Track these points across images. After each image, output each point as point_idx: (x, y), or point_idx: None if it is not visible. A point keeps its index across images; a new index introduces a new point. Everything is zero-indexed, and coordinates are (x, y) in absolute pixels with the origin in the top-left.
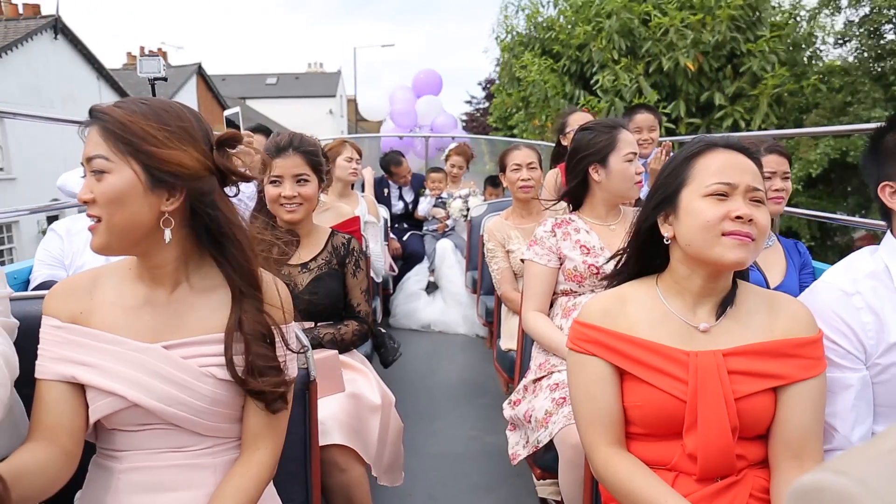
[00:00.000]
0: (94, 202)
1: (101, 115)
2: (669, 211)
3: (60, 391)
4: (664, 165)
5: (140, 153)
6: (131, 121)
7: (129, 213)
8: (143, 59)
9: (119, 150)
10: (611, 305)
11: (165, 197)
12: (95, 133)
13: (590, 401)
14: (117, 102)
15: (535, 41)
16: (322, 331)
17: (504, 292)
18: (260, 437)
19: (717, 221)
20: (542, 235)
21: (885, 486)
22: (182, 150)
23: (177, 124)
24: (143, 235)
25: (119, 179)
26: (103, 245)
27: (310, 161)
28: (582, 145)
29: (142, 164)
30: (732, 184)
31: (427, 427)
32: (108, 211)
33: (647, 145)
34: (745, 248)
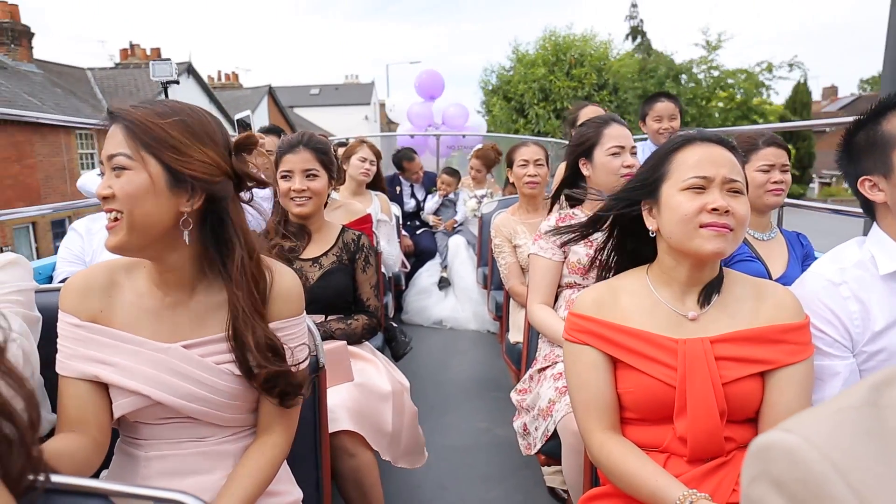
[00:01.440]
0: (114, 197)
1: (123, 114)
2: (652, 204)
3: (85, 389)
4: (646, 161)
5: (162, 153)
6: (154, 122)
7: (148, 209)
8: (156, 62)
9: (141, 149)
10: (603, 296)
11: (185, 198)
12: (118, 132)
13: (585, 388)
14: (139, 104)
15: (499, 90)
16: (332, 324)
17: (512, 286)
18: (275, 422)
19: (695, 214)
20: (546, 230)
21: (826, 441)
22: (202, 153)
23: (198, 128)
24: (161, 235)
25: (139, 176)
26: (121, 243)
27: (319, 157)
28: (574, 139)
29: (163, 164)
30: (708, 177)
31: (438, 420)
32: (128, 206)
33: (666, 134)
34: (722, 238)
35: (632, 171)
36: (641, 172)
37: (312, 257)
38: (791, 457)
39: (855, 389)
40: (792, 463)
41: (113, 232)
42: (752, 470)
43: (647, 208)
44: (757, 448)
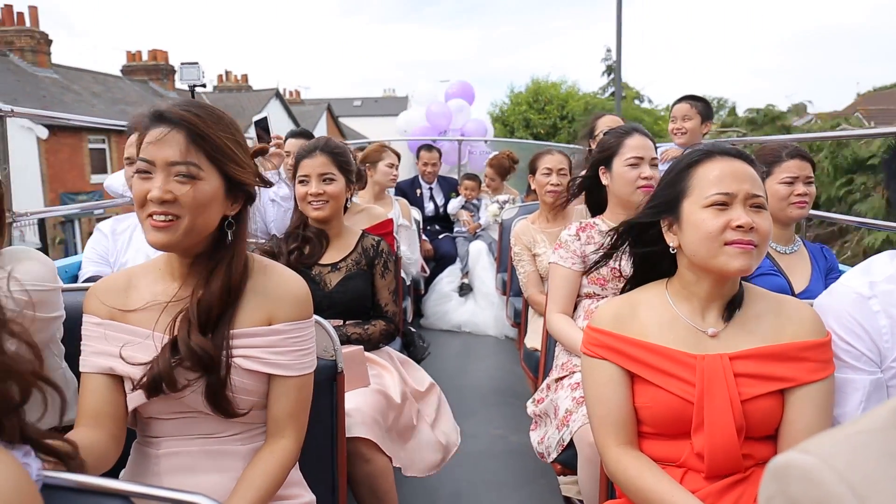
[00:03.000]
0: (175, 203)
1: (187, 123)
2: (672, 221)
3: (101, 382)
4: (665, 174)
5: (225, 165)
6: (213, 132)
7: (208, 217)
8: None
9: (206, 159)
10: (622, 311)
11: (231, 202)
12: (180, 139)
13: (602, 403)
14: (186, 107)
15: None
16: (350, 329)
17: (530, 295)
18: (284, 425)
19: (719, 232)
20: (566, 239)
21: (845, 463)
22: (248, 162)
23: (240, 137)
24: (206, 237)
25: (209, 187)
26: (174, 243)
27: (336, 161)
28: (596, 147)
29: (223, 174)
30: (731, 193)
31: None
32: (193, 214)
33: (680, 134)
34: (747, 255)
35: (650, 182)
36: (660, 189)
37: (331, 262)
38: (809, 478)
39: (877, 412)
40: (809, 484)
41: (165, 231)
42: (770, 490)
43: (667, 224)
44: (774, 468)
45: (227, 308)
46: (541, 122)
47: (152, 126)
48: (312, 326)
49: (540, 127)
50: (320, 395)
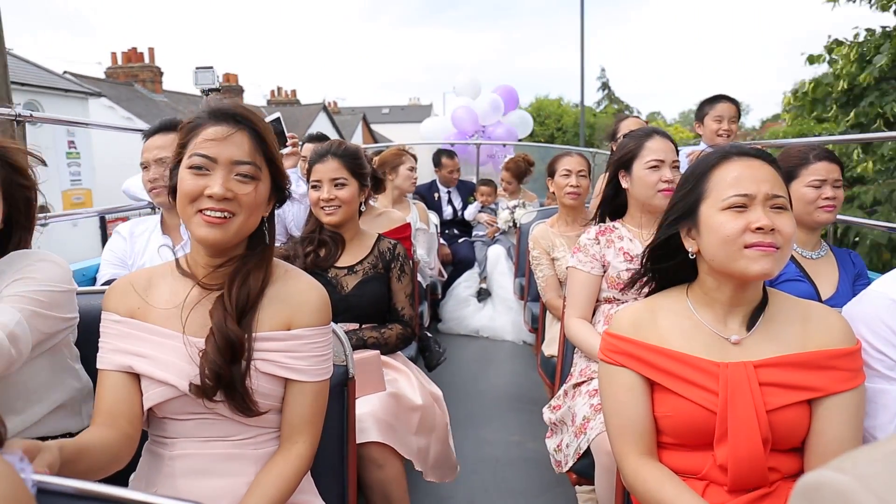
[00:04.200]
0: (234, 201)
1: (251, 123)
2: (691, 225)
3: (119, 380)
4: (682, 177)
5: (274, 167)
6: (269, 134)
7: (257, 216)
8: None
9: (264, 160)
10: (641, 317)
11: (269, 204)
12: (245, 140)
13: (620, 411)
14: (245, 108)
15: None
16: (366, 333)
17: (549, 300)
18: (298, 430)
19: (738, 234)
20: (585, 243)
21: (884, 485)
22: (282, 164)
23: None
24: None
25: (265, 188)
26: (227, 240)
27: (348, 165)
28: (616, 151)
29: (272, 175)
30: (750, 194)
31: (471, 432)
32: (247, 212)
33: (725, 137)
34: (769, 258)
35: (670, 185)
36: (678, 194)
37: (348, 265)
38: (843, 499)
39: None
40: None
41: (219, 228)
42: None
43: (685, 229)
44: (805, 486)
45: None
46: (541, 133)
47: (212, 124)
48: (330, 333)
49: (540, 136)
50: (331, 400)
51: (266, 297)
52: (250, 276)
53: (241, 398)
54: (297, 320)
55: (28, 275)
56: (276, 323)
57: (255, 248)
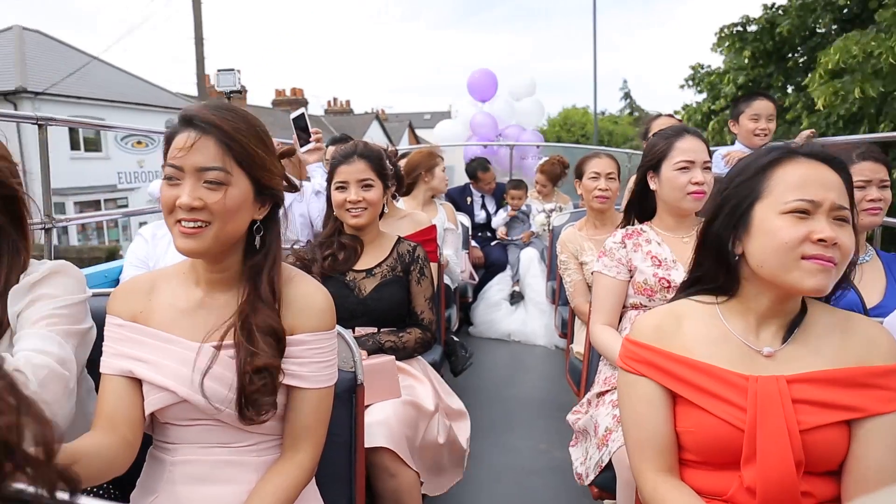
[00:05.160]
0: (205, 209)
1: (216, 128)
2: (739, 226)
3: (120, 384)
4: (730, 174)
5: (254, 169)
6: (243, 137)
7: (237, 223)
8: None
9: (235, 164)
10: (664, 323)
11: (258, 206)
12: (210, 145)
13: (639, 424)
14: (215, 111)
15: None
16: (383, 337)
17: (577, 305)
18: (300, 439)
19: (797, 243)
20: (611, 247)
21: None
22: (276, 165)
23: (267, 140)
24: (235, 241)
25: (238, 192)
26: (204, 250)
27: (374, 167)
28: (644, 152)
29: (252, 179)
30: (816, 201)
31: (497, 438)
32: (222, 220)
33: (762, 136)
34: (826, 274)
35: (701, 188)
36: (729, 189)
37: (366, 268)
38: None
39: None
40: None
41: (195, 238)
42: None
43: (732, 230)
44: None
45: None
46: (567, 139)
47: (181, 131)
48: (335, 338)
49: (567, 142)
50: (339, 407)
51: None
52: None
53: (253, 407)
54: (298, 325)
55: (46, 291)
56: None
57: (252, 255)
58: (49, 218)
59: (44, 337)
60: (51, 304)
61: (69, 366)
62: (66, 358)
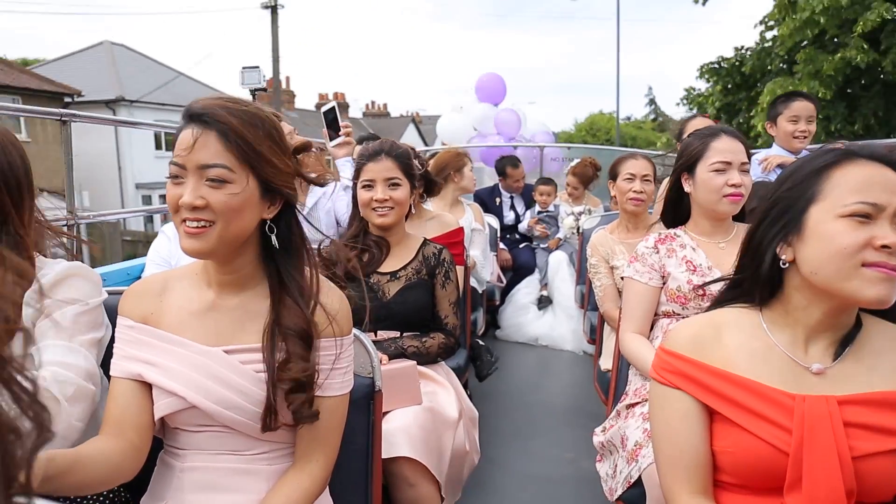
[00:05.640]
0: (207, 208)
1: (218, 123)
2: (790, 230)
3: (128, 388)
4: (782, 176)
5: (260, 166)
6: (249, 132)
7: (242, 222)
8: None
9: (240, 161)
10: (702, 333)
11: (268, 205)
12: (213, 140)
13: (672, 440)
14: (225, 108)
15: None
16: (406, 341)
17: (606, 310)
18: (313, 448)
19: (857, 249)
20: (643, 251)
21: None
22: (285, 162)
23: (277, 136)
24: (243, 241)
25: (242, 190)
26: (209, 250)
27: (402, 165)
28: (678, 153)
29: (258, 176)
30: (879, 204)
31: (521, 445)
32: (226, 219)
33: (802, 139)
34: (890, 283)
35: (738, 190)
36: (779, 191)
37: (390, 271)
38: None
39: None
40: None
41: (199, 238)
42: None
43: (782, 234)
44: None
45: None
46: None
47: (185, 127)
48: (351, 344)
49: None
50: (356, 414)
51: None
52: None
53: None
54: (319, 328)
55: (65, 296)
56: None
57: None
58: (72, 214)
59: (69, 350)
60: (72, 311)
61: (95, 379)
62: (91, 371)
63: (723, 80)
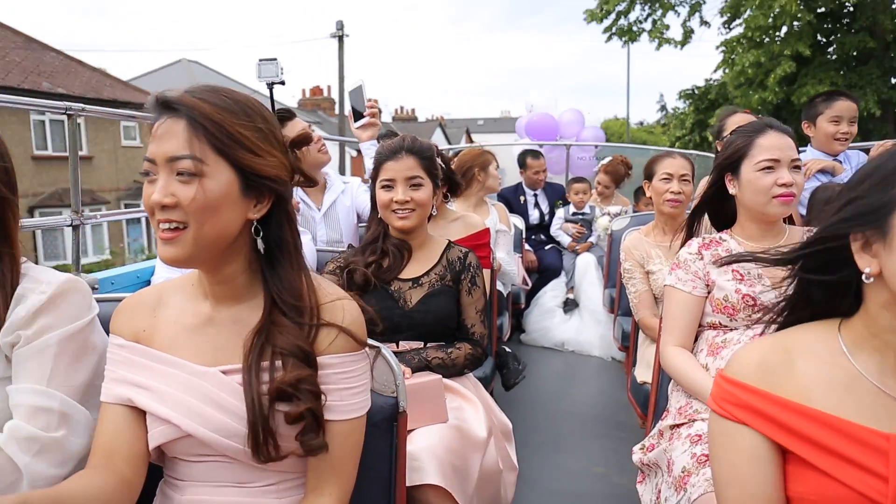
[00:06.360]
0: (178, 207)
1: (188, 108)
2: (874, 237)
3: (119, 414)
4: (860, 172)
5: (238, 155)
6: (224, 119)
7: (219, 222)
8: (262, 62)
9: (212, 151)
10: (771, 359)
11: (254, 203)
12: (181, 129)
13: (738, 484)
14: (198, 94)
15: None
16: (430, 353)
17: (642, 318)
18: (325, 480)
19: None
20: (686, 258)
21: None
22: (272, 153)
23: (264, 124)
24: (226, 246)
25: (216, 184)
26: (186, 257)
27: (424, 164)
28: (721, 150)
29: (236, 168)
30: None
31: (548, 458)
32: (199, 219)
33: (843, 141)
34: None
35: (790, 190)
36: (857, 189)
37: (412, 277)
38: None
39: None
40: None
41: (173, 243)
42: None
43: (861, 242)
44: None
45: None
46: None
47: (157, 118)
48: (366, 360)
49: None
50: (377, 438)
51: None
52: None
53: (263, 440)
54: (322, 345)
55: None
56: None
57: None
58: (77, 214)
59: (41, 394)
60: (56, 337)
61: (75, 417)
62: (67, 413)
63: (695, 102)
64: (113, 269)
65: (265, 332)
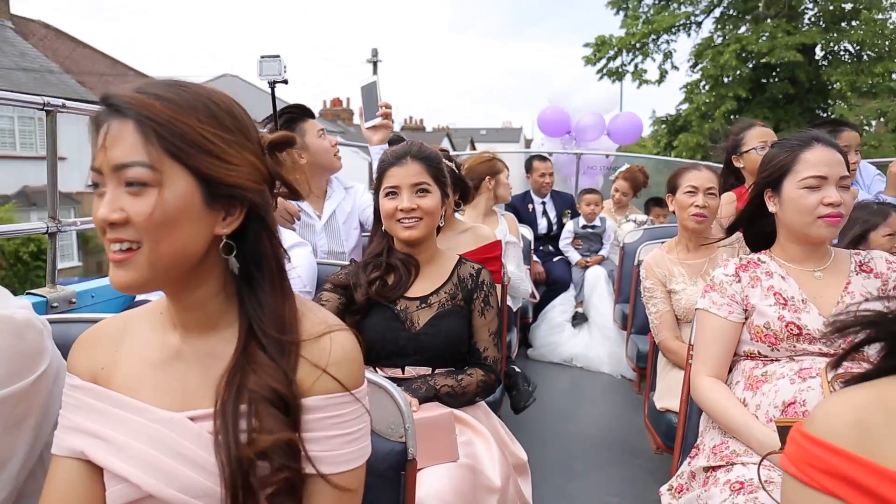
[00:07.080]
0: (128, 224)
1: (136, 108)
2: None
3: (71, 469)
4: None
5: (197, 160)
6: (179, 118)
7: (181, 239)
8: (264, 59)
9: (166, 156)
10: (870, 419)
11: (221, 216)
12: (128, 132)
13: None
14: (150, 90)
15: None
16: (439, 380)
17: (663, 341)
18: None
19: None
20: (721, 280)
21: None
22: (242, 155)
23: (233, 123)
24: (191, 267)
25: (172, 195)
26: (140, 282)
27: (431, 170)
28: (761, 164)
29: (196, 175)
30: None
31: (558, 487)
32: (153, 237)
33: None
34: None
35: (837, 210)
36: None
37: (420, 296)
38: None
39: None
40: None
41: (125, 266)
42: None
43: None
44: None
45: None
46: None
47: (103, 121)
48: (359, 403)
49: None
50: (381, 490)
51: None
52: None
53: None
54: (308, 384)
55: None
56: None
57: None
58: (54, 220)
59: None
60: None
61: None
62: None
63: (669, 126)
64: (94, 281)
65: (239, 372)
